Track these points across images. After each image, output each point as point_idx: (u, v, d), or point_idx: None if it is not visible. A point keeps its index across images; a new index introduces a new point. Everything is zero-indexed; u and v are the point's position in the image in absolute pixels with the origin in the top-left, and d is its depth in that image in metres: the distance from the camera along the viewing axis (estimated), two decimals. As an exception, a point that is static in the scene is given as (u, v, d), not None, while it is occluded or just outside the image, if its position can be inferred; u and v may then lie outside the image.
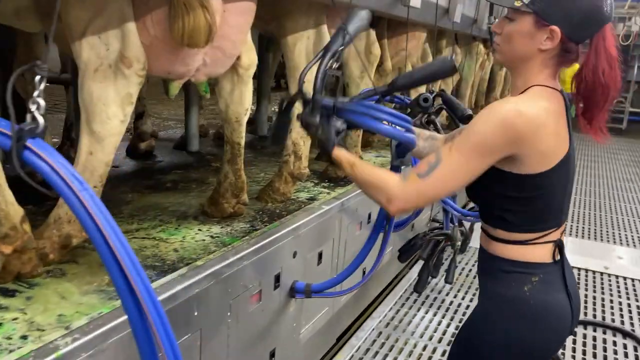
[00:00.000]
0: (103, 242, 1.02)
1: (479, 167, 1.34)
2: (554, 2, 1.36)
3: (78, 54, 1.62)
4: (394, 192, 1.36)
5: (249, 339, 1.84)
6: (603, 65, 1.37)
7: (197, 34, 1.53)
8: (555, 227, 1.45)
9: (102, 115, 1.63)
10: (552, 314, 1.46)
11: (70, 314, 1.43)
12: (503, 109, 1.32)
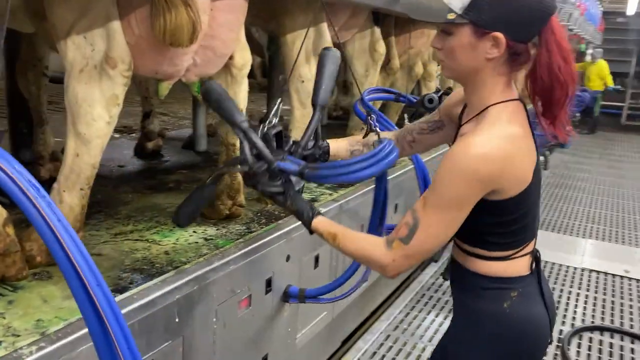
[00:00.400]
0: (61, 251, 0.98)
1: (460, 216, 1.28)
2: (490, 7, 1.24)
3: (64, 54, 1.60)
4: (383, 262, 1.31)
5: (238, 344, 1.80)
6: (557, 61, 1.26)
7: (179, 32, 1.49)
8: (531, 238, 1.40)
9: (87, 117, 1.61)
10: (532, 328, 1.40)
11: (49, 318, 1.41)
12: (467, 160, 1.23)
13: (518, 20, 1.25)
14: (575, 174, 8.52)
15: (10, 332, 1.34)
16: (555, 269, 4.78)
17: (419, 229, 1.27)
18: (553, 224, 6.01)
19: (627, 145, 11.97)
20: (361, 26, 2.78)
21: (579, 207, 6.71)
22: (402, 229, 1.29)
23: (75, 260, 0.96)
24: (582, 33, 8.62)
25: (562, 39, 1.28)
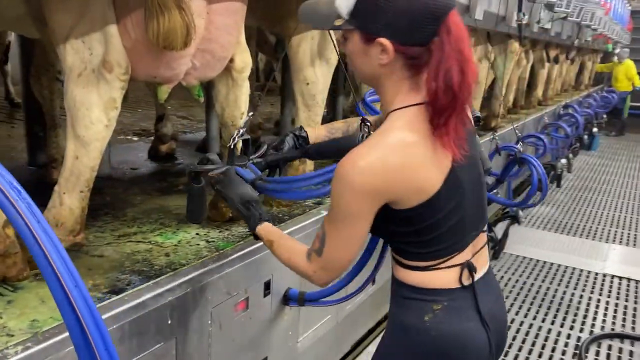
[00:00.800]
0: (40, 252, 0.99)
1: (359, 228, 1.25)
2: (374, 12, 1.19)
3: (63, 58, 1.63)
4: (307, 273, 1.35)
5: (235, 347, 1.80)
6: (449, 66, 1.15)
7: (173, 36, 1.50)
8: (459, 250, 1.30)
9: (85, 120, 1.63)
10: (457, 346, 1.30)
11: (44, 319, 1.43)
12: (349, 173, 1.19)
13: (404, 24, 1.18)
14: (600, 177, 8.31)
15: (4, 331, 1.36)
16: (576, 274, 4.68)
17: (326, 242, 1.28)
18: (575, 228, 5.87)
19: (657, 147, 11.65)
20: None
21: (602, 211, 6.54)
22: (316, 243, 1.31)
23: (53, 262, 0.97)
24: (608, 33, 8.42)
25: (461, 41, 1.18)
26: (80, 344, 1.02)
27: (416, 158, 1.19)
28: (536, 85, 7.04)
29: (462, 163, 1.24)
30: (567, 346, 3.52)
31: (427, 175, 1.21)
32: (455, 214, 1.27)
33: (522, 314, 3.92)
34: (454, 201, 1.26)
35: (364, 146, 1.21)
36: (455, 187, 1.25)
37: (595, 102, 8.63)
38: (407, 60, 1.21)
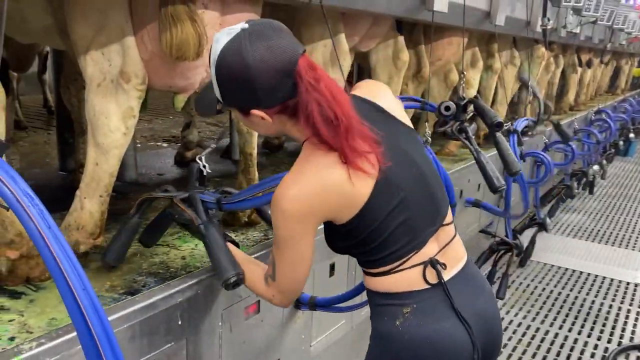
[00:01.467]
0: (50, 255, 1.05)
1: (304, 250, 1.34)
2: (236, 94, 1.29)
3: (84, 69, 1.71)
4: (267, 297, 1.47)
5: (246, 349, 1.84)
6: (312, 108, 1.24)
7: (185, 46, 1.56)
8: (416, 248, 1.33)
9: (104, 129, 1.70)
10: (432, 349, 1.30)
11: (62, 317, 1.49)
12: (279, 203, 1.28)
13: (264, 93, 1.26)
14: (636, 184, 8.08)
15: (25, 329, 1.44)
16: (606, 283, 4.57)
17: (277, 267, 1.38)
18: (607, 236, 5.73)
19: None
20: (384, 35, 2.79)
21: (636, 219, 6.36)
22: (269, 269, 1.42)
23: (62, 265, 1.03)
24: (644, 36, 8.19)
25: (317, 80, 1.25)
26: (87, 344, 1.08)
27: (336, 177, 1.26)
28: (568, 90, 6.90)
29: (393, 167, 1.30)
30: (593, 357, 3.46)
31: (351, 189, 1.27)
32: (398, 215, 1.31)
33: (548, 323, 3.86)
34: (392, 204, 1.30)
35: (289, 176, 1.31)
36: (390, 191, 1.30)
37: (632, 107, 8.39)
38: (285, 114, 1.30)
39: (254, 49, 1.23)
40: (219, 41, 1.27)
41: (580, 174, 6.03)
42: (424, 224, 1.35)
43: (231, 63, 1.25)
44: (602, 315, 4.01)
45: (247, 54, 1.22)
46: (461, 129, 2.65)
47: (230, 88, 1.29)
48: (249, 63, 1.22)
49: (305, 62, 1.26)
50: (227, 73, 1.27)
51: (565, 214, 6.36)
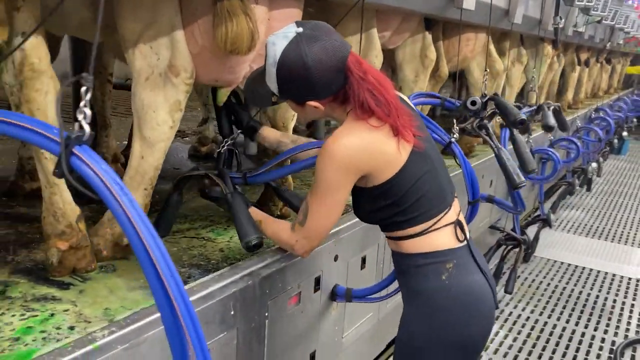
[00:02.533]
0: (139, 243, 1.07)
1: (339, 198, 1.50)
2: (294, 88, 1.47)
3: (132, 63, 1.72)
4: (290, 242, 1.62)
5: (287, 339, 1.87)
6: (366, 95, 1.44)
7: (240, 41, 1.58)
8: (443, 211, 1.52)
9: (152, 122, 1.72)
10: (474, 297, 1.51)
11: (115, 307, 1.52)
12: (331, 148, 1.45)
13: (320, 87, 1.45)
14: (631, 181, 8.22)
15: (82, 318, 1.46)
16: (609, 279, 4.66)
17: (310, 213, 1.53)
18: (607, 233, 5.84)
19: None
20: (413, 31, 2.82)
21: (634, 216, 6.48)
22: (300, 215, 1.57)
23: (151, 250, 1.05)
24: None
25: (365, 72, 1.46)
26: (173, 333, 1.10)
27: (382, 138, 1.46)
28: (567, 88, 7.00)
29: (424, 143, 1.52)
30: (601, 350, 3.53)
31: (393, 151, 1.46)
32: (429, 180, 1.51)
33: (555, 317, 3.93)
34: (426, 168, 1.51)
35: (342, 129, 1.48)
36: (423, 159, 1.51)
37: (627, 106, 8.53)
38: (337, 102, 1.51)
39: (311, 51, 1.41)
40: (276, 44, 1.45)
41: (580, 171, 6.12)
42: (447, 191, 1.57)
43: (292, 64, 1.43)
44: (607, 309, 4.10)
45: (305, 57, 1.41)
46: (481, 125, 2.70)
47: (290, 85, 1.48)
48: (308, 64, 1.41)
49: (353, 58, 1.47)
50: (288, 73, 1.45)
51: (564, 211, 6.45)
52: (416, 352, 1.54)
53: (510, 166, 2.55)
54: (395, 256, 1.62)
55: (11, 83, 1.47)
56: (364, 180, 1.50)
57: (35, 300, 1.56)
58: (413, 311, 1.56)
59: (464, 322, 1.50)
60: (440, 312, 1.50)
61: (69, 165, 1.06)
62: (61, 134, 1.05)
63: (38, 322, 1.44)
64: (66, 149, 1.05)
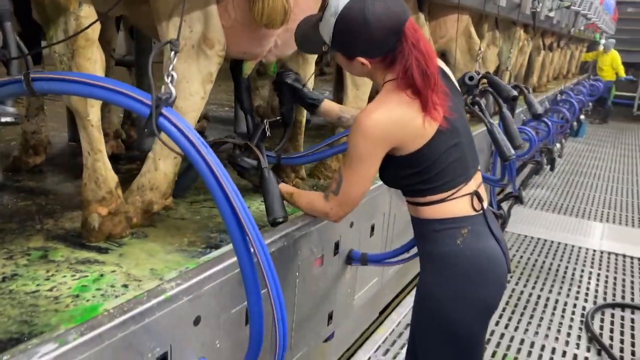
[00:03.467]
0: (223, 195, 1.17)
1: (371, 169, 1.59)
2: (349, 41, 1.53)
3: (164, 35, 1.77)
4: (325, 210, 1.72)
5: (312, 298, 1.99)
6: (413, 61, 1.50)
7: (275, 14, 1.66)
8: (463, 182, 1.62)
9: (185, 92, 1.79)
10: (488, 261, 1.61)
11: (160, 268, 1.59)
12: (363, 122, 1.52)
13: (371, 46, 1.52)
14: (588, 162, 8.66)
15: (131, 277, 1.53)
16: (575, 251, 4.96)
17: (343, 182, 1.62)
18: (570, 209, 6.18)
19: (639, 134, 12.07)
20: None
21: (594, 193, 6.87)
22: (333, 184, 1.67)
23: (235, 202, 1.15)
24: (599, 22, 8.72)
25: (417, 41, 1.52)
26: (248, 271, 1.20)
27: (412, 111, 1.53)
28: (532, 72, 7.28)
29: (455, 117, 1.60)
30: (574, 314, 3.80)
31: (421, 125, 1.54)
32: (455, 152, 1.60)
33: (530, 286, 4.18)
34: (452, 142, 1.59)
35: (374, 104, 1.55)
36: (451, 132, 1.59)
37: (585, 90, 8.94)
38: (383, 64, 1.57)
39: (374, 8, 1.47)
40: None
41: (546, 151, 6.43)
42: (470, 164, 1.66)
43: (352, 18, 1.49)
44: (576, 279, 4.38)
45: (368, 12, 1.47)
46: (474, 101, 2.86)
47: (344, 38, 1.54)
48: (369, 20, 1.47)
49: (410, 25, 1.53)
50: (347, 25, 1.51)
51: (530, 189, 6.78)
52: (437, 312, 1.64)
53: (501, 140, 2.71)
54: (414, 221, 1.73)
55: (61, 52, 1.51)
56: (392, 150, 1.58)
57: (80, 263, 1.62)
58: (431, 274, 1.66)
59: (478, 283, 1.60)
60: (457, 273, 1.60)
61: (157, 125, 1.15)
62: (153, 95, 1.13)
63: (91, 281, 1.50)
64: (156, 109, 1.13)
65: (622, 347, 3.41)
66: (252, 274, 1.20)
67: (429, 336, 1.70)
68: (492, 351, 3.27)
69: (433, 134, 1.56)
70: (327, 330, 2.17)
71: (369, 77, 1.66)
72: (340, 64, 1.66)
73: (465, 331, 1.64)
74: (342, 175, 1.63)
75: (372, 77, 1.65)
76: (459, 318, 1.62)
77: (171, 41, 1.21)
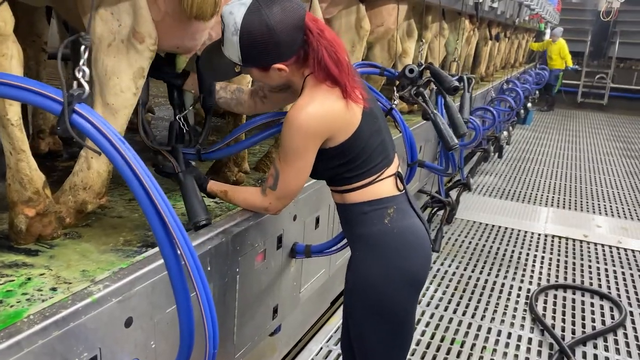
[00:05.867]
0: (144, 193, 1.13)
1: (308, 162, 1.62)
2: (258, 53, 1.53)
3: (92, 28, 1.71)
4: (263, 205, 1.73)
5: (255, 294, 1.98)
6: (322, 53, 1.53)
7: (205, 6, 1.62)
8: (386, 165, 1.70)
9: (115, 89, 1.73)
10: (414, 236, 1.70)
11: (93, 269, 1.54)
12: (297, 117, 1.54)
13: (281, 49, 1.53)
14: (535, 149, 8.95)
15: (61, 280, 1.48)
16: (521, 235, 5.13)
17: (280, 177, 1.64)
18: (517, 195, 6.37)
19: (583, 121, 12.55)
20: (347, 3, 2.92)
21: (540, 179, 7.10)
22: (269, 179, 1.68)
23: (157, 200, 1.12)
24: (543, 12, 8.97)
25: (322, 30, 1.56)
26: (176, 275, 1.18)
27: (339, 105, 1.57)
28: (480, 62, 7.44)
29: (371, 104, 1.66)
30: (519, 297, 3.93)
31: (348, 116, 1.59)
32: (377, 137, 1.67)
33: (478, 271, 4.30)
34: (373, 129, 1.65)
35: (304, 98, 1.57)
36: (372, 119, 1.65)
37: (531, 78, 9.20)
38: (298, 62, 1.58)
39: (272, 13, 1.48)
40: (233, 12, 1.50)
41: (493, 139, 6.60)
42: (390, 147, 1.73)
43: (254, 29, 1.49)
44: (521, 262, 4.53)
45: (268, 19, 1.48)
46: (418, 92, 2.89)
47: (254, 50, 1.53)
48: (272, 25, 1.48)
49: (310, 16, 1.56)
50: (252, 38, 1.50)
51: (479, 177, 6.95)
52: (369, 291, 1.69)
53: (444, 130, 2.76)
54: (340, 207, 1.76)
55: (-25, 47, 1.43)
56: (324, 143, 1.61)
57: (6, 266, 1.55)
58: (362, 256, 1.70)
59: (407, 257, 1.68)
60: (386, 250, 1.66)
61: (70, 123, 1.10)
62: (64, 92, 1.08)
63: (16, 285, 1.44)
64: (68, 106, 1.09)
65: (564, 327, 3.55)
66: (179, 276, 1.18)
67: (362, 316, 1.74)
68: (440, 336, 3.35)
69: (360, 119, 1.61)
70: (273, 324, 2.17)
71: (288, 82, 1.66)
72: (257, 79, 1.66)
73: (397, 306, 1.70)
74: (279, 170, 1.64)
75: (291, 81, 1.65)
76: (391, 292, 1.68)
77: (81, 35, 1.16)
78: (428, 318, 3.54)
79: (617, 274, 4.41)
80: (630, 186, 7.08)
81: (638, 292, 4.12)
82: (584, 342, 3.37)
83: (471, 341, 3.32)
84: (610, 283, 4.25)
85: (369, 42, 3.78)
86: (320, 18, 2.56)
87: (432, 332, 3.38)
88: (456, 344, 3.28)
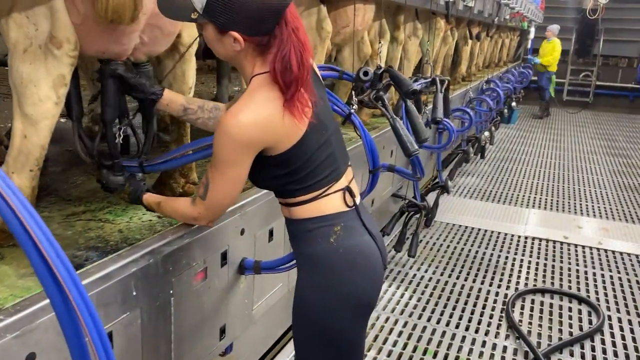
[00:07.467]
0: (20, 227, 1.00)
1: (241, 172, 1.50)
2: (224, 10, 1.39)
3: (5, 33, 1.59)
4: (192, 215, 1.62)
5: (196, 315, 1.85)
6: (292, 50, 1.42)
7: (121, 9, 1.51)
8: (334, 179, 1.58)
9: (33, 98, 1.60)
10: (362, 256, 1.57)
11: (5, 297, 1.42)
12: (229, 125, 1.42)
13: (249, 21, 1.39)
14: (519, 148, 8.87)
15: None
16: (501, 238, 5.03)
17: (210, 186, 1.52)
18: (499, 196, 6.27)
19: (567, 119, 12.49)
20: (307, 4, 2.82)
21: (523, 179, 7.02)
22: (200, 188, 1.57)
23: (35, 235, 0.99)
24: (524, 11, 8.91)
25: (296, 29, 1.44)
26: (64, 317, 1.04)
27: (279, 113, 1.44)
28: (460, 62, 7.35)
29: (322, 113, 1.55)
30: (495, 302, 3.82)
31: (290, 124, 1.46)
32: (325, 150, 1.55)
33: (455, 276, 4.19)
34: (322, 139, 1.54)
35: (240, 104, 1.44)
36: (320, 130, 1.53)
37: (514, 77, 9.14)
38: (256, 47, 1.45)
39: None
40: None
41: (474, 140, 6.51)
42: (340, 161, 1.61)
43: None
44: (500, 266, 4.43)
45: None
46: (377, 97, 2.78)
47: (223, 6, 1.38)
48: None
49: (291, 10, 1.44)
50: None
51: (461, 178, 6.85)
52: (312, 315, 1.57)
53: (404, 135, 2.64)
54: (287, 222, 1.65)
55: None
56: (263, 150, 1.50)
57: None
58: (305, 276, 1.59)
59: (352, 279, 1.56)
60: (330, 272, 1.55)
61: None
62: None
63: None
64: None
65: (540, 333, 3.44)
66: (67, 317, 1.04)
67: (305, 340, 1.63)
68: (413, 346, 3.23)
69: (305, 130, 1.49)
70: (221, 344, 2.04)
71: (236, 61, 1.51)
72: (208, 40, 1.48)
73: (341, 332, 1.58)
74: (209, 179, 1.53)
75: (239, 62, 1.50)
76: (333, 317, 1.56)
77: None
78: (401, 327, 3.42)
79: (596, 277, 4.32)
80: (613, 185, 7.01)
81: (617, 295, 4.03)
82: (560, 349, 3.27)
83: (444, 351, 3.20)
84: (589, 286, 4.15)
85: (337, 45, 3.69)
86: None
87: (405, 342, 3.26)
88: (429, 354, 3.16)
